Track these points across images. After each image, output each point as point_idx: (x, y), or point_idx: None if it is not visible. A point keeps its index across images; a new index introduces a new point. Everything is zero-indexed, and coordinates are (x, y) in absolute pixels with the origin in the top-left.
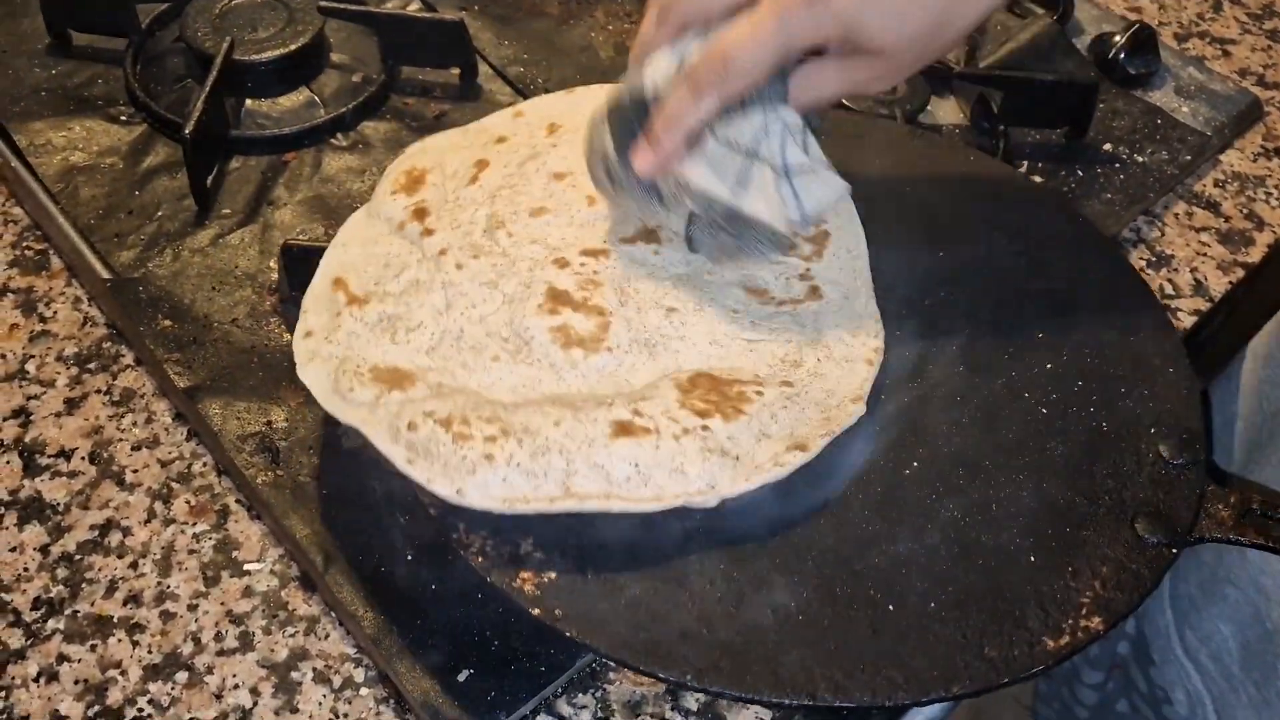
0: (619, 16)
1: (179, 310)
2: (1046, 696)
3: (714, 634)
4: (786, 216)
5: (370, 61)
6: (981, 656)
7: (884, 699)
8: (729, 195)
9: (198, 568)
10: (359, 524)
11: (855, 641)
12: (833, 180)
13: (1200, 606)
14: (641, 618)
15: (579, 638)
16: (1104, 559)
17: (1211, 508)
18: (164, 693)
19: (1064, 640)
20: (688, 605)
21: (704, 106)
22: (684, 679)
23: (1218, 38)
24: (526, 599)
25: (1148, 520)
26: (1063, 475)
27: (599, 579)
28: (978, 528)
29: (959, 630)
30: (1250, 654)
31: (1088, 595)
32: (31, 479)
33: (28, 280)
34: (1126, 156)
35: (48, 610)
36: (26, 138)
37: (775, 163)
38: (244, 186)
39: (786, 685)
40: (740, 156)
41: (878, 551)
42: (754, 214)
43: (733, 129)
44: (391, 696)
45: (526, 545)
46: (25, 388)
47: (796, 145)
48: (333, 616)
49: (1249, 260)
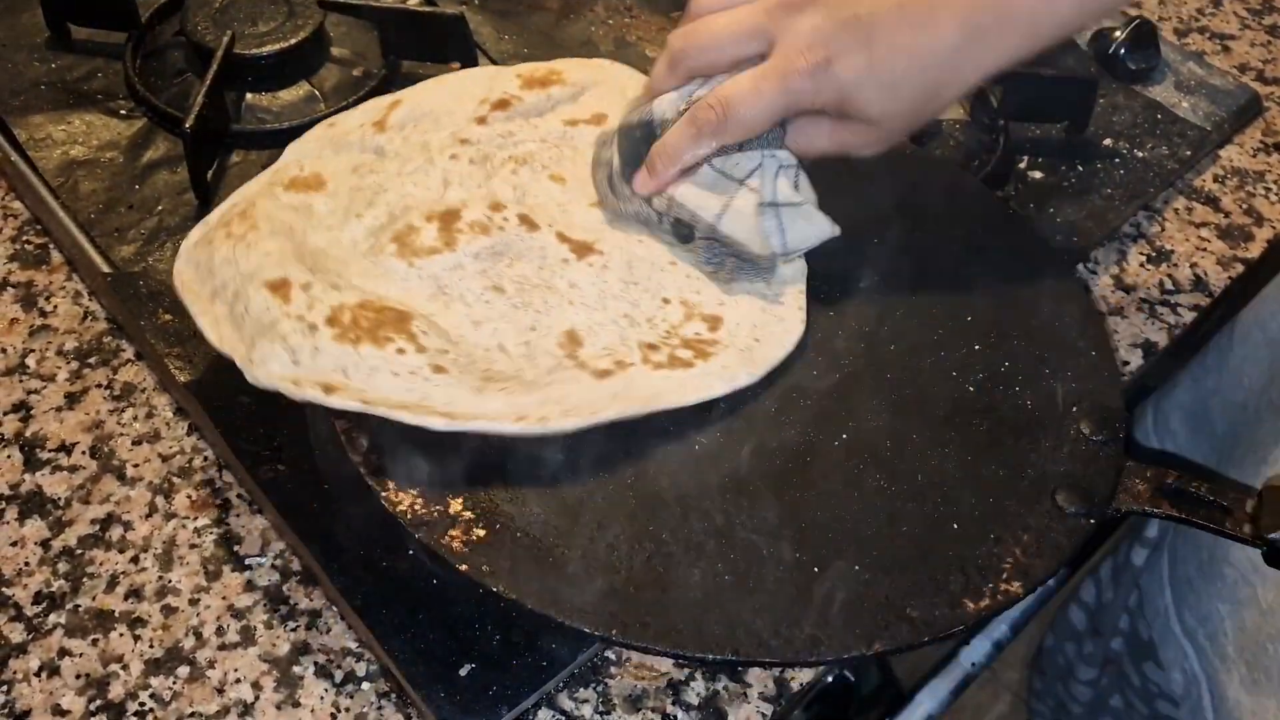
0: (619, 11)
1: (179, 305)
2: (1041, 693)
3: (641, 593)
4: (767, 245)
5: (371, 56)
6: (904, 616)
7: (807, 655)
8: (712, 216)
9: (199, 562)
10: (360, 518)
11: (780, 603)
12: (820, 221)
13: (1198, 588)
14: (569, 576)
15: (506, 593)
16: (1025, 528)
17: (1129, 481)
18: (165, 687)
19: (984, 602)
20: (615, 565)
21: (701, 147)
22: (609, 634)
23: (1217, 33)
24: (455, 555)
25: (1068, 492)
26: (988, 450)
27: (528, 539)
28: (903, 497)
29: (882, 592)
30: (1244, 634)
31: (1008, 561)
32: (32, 473)
33: (28, 274)
34: (1126, 151)
35: (49, 604)
36: (26, 131)
37: (764, 193)
38: (244, 181)
39: (710, 642)
40: (731, 184)
41: (804, 518)
42: (733, 235)
43: (729, 162)
44: (393, 691)
45: (456, 505)
46: (25, 382)
47: (788, 182)
48: (334, 611)
49: (1248, 256)
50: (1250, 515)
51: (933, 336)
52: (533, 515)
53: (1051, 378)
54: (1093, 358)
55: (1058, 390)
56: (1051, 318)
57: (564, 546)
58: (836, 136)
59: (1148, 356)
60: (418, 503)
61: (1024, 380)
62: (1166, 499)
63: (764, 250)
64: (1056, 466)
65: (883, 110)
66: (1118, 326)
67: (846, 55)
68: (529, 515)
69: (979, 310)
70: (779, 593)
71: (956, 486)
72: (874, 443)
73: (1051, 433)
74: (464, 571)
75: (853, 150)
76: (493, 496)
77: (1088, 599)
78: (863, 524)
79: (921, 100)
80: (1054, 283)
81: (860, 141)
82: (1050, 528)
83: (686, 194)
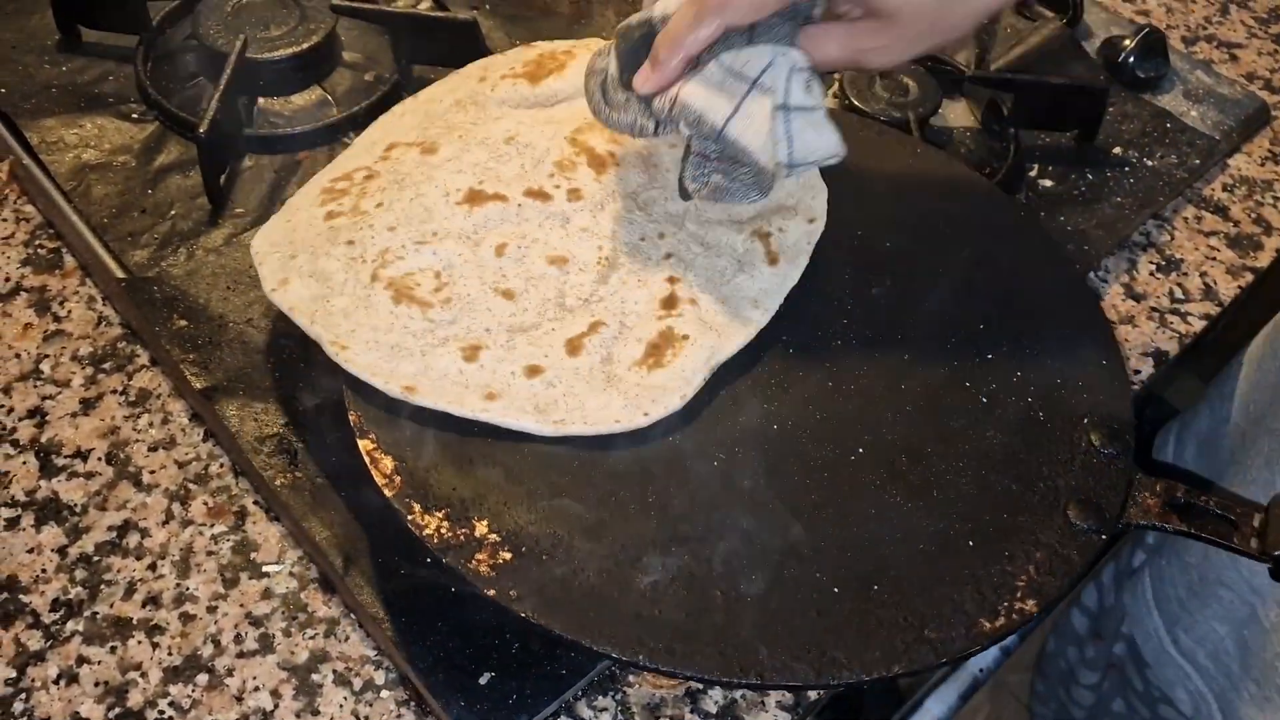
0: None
1: (194, 310)
2: (1044, 696)
3: (665, 615)
4: (774, 153)
5: (383, 60)
6: (921, 638)
7: (829, 678)
8: (720, 119)
9: (216, 569)
10: (378, 526)
11: (801, 624)
12: (829, 134)
13: (1191, 610)
14: (595, 599)
15: (534, 618)
16: (1038, 544)
17: (1139, 495)
18: (185, 695)
19: (1000, 622)
20: (641, 588)
21: (704, 29)
22: (636, 659)
23: (1225, 42)
24: (482, 580)
25: (1079, 507)
26: (1000, 462)
27: (554, 562)
28: (920, 514)
29: (900, 613)
30: (1249, 653)
31: (1022, 579)
32: (48, 479)
33: (41, 279)
34: (1136, 160)
35: (66, 612)
36: (38, 135)
37: (777, 95)
38: (257, 185)
39: (735, 665)
40: (742, 84)
41: (824, 537)
42: (741, 141)
43: (739, 58)
44: (413, 699)
45: (481, 528)
46: (40, 387)
47: (801, 84)
48: (353, 618)
49: (1258, 265)
50: (1257, 530)
51: (946, 345)
52: (558, 538)
53: (1062, 388)
54: (1104, 368)
55: (1068, 401)
56: (1062, 326)
57: (589, 570)
58: (849, 40)
59: (1158, 365)
60: (444, 525)
61: (1035, 391)
62: (1175, 513)
63: (769, 161)
64: (1068, 480)
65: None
66: (1128, 335)
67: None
68: (554, 538)
69: (992, 319)
70: (801, 615)
71: (971, 502)
72: (890, 457)
73: (1063, 444)
74: (492, 597)
75: (868, 59)
76: (517, 519)
77: (1090, 604)
78: (881, 542)
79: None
80: (1067, 294)
81: (875, 45)
82: (1062, 544)
83: (692, 92)
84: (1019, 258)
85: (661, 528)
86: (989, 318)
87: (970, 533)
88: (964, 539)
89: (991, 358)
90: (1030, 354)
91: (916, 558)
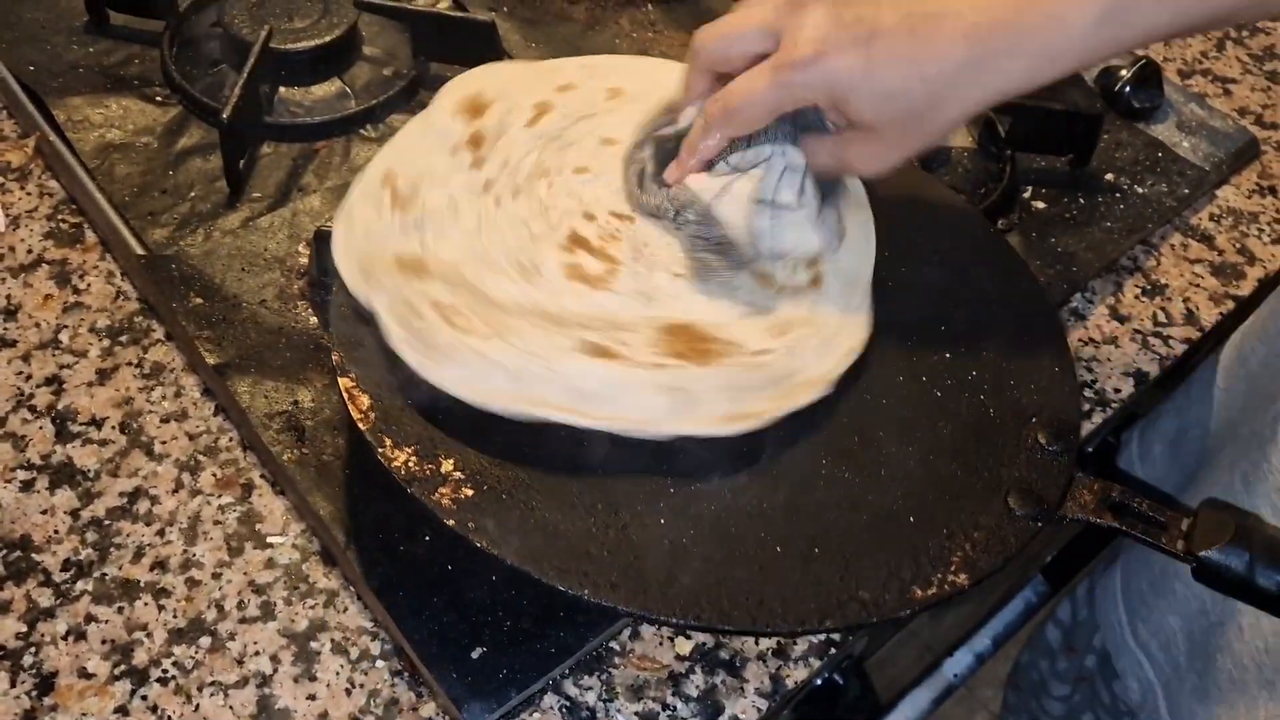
0: (642, 25)
1: (209, 289)
2: (1015, 708)
3: (613, 557)
4: (754, 241)
5: (401, 56)
6: (855, 597)
7: (763, 626)
8: (710, 198)
9: (222, 538)
10: (380, 503)
11: (742, 576)
12: (810, 236)
13: (1150, 602)
14: (548, 537)
15: (488, 548)
16: (977, 525)
17: (1077, 491)
18: (188, 656)
19: (931, 591)
20: (592, 531)
21: (711, 141)
22: (581, 593)
23: (1219, 76)
24: (443, 511)
25: (1019, 496)
26: (948, 451)
27: (512, 500)
28: (865, 488)
29: (837, 573)
30: (1195, 645)
31: (958, 555)
32: (63, 445)
33: (63, 252)
34: (1127, 187)
35: (77, 572)
36: (64, 113)
37: (766, 191)
38: (275, 172)
39: (675, 606)
40: (736, 175)
41: (769, 501)
42: (723, 219)
43: (743, 158)
44: (406, 670)
45: (447, 465)
46: (58, 356)
47: (791, 187)
48: (351, 591)
49: (1239, 293)
50: (1184, 533)
51: (906, 342)
52: (518, 479)
53: (1015, 388)
54: (1055, 372)
55: (1019, 400)
56: (1020, 332)
57: (544, 509)
58: (836, 150)
59: (1139, 385)
60: (412, 460)
61: (988, 389)
62: (1110, 510)
63: (747, 243)
64: (1012, 471)
65: (875, 115)
66: (1110, 355)
67: (842, 52)
68: (514, 480)
69: (953, 322)
70: (744, 567)
71: (917, 482)
72: (841, 438)
73: (1010, 439)
74: (451, 526)
75: (853, 166)
76: (482, 460)
77: (1064, 617)
78: (826, 509)
79: (919, 113)
80: (1025, 299)
81: (859, 155)
82: (1000, 527)
83: (695, 179)
84: (983, 267)
85: (615, 482)
86: (950, 320)
87: (914, 509)
88: (906, 515)
89: (949, 356)
90: (987, 356)
91: (859, 526)
